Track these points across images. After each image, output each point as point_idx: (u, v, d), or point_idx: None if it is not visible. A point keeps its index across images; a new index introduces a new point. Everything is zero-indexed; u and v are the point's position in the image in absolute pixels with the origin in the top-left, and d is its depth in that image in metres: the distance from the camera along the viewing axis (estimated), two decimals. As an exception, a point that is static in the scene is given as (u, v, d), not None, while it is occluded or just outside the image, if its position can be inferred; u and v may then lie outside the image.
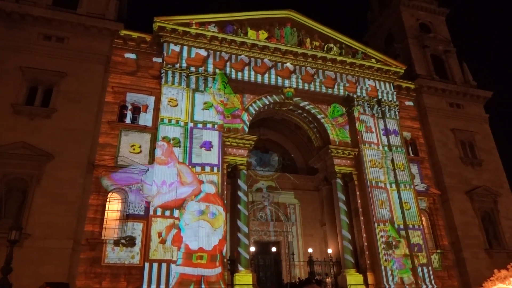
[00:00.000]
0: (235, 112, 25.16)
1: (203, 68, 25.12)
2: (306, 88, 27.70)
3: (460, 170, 30.07)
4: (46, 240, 18.44)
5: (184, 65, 24.75)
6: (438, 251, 26.79)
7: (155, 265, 19.28)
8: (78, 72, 22.71)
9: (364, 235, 24.85)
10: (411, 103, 32.16)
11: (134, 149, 22.31)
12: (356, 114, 27.84)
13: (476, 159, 31.10)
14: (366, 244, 24.62)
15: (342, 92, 28.55)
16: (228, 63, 26.01)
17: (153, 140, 22.57)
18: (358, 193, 26.11)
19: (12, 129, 20.21)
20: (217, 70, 25.38)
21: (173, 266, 19.43)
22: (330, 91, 28.29)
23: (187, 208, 20.92)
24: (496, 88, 36.18)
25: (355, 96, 28.51)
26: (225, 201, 22.35)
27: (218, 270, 19.99)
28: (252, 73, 26.51)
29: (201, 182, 21.79)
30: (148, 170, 21.71)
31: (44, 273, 17.54)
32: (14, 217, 18.31)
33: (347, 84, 28.91)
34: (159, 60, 24.94)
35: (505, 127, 60.20)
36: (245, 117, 25.41)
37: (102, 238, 20.01)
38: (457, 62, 36.07)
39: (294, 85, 27.30)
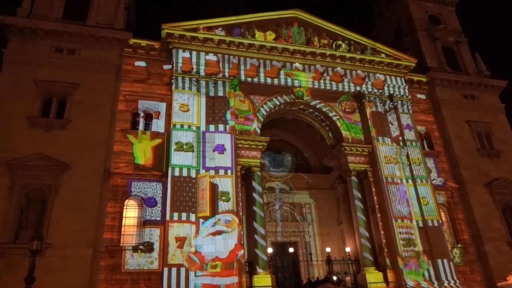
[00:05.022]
0: (248, 115, 25.18)
1: (212, 72, 25.22)
2: (316, 86, 27.57)
3: (478, 162, 29.48)
4: (67, 248, 18.78)
5: (194, 70, 24.91)
6: (459, 245, 26.30)
7: (174, 270, 19.40)
8: (90, 83, 23.09)
9: (382, 232, 24.55)
10: (423, 97, 31.71)
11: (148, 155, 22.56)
12: (368, 110, 27.59)
13: (494, 150, 30.46)
14: (384, 241, 24.30)
15: (352, 89, 28.32)
16: (239, 67, 25.99)
17: (166, 146, 22.76)
18: (374, 190, 25.84)
19: (29, 141, 20.66)
20: (226, 72, 25.41)
21: (192, 276, 19.43)
22: (340, 88, 28.10)
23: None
24: (511, 76, 35.41)
25: (366, 92, 28.25)
26: (240, 204, 22.40)
27: (235, 279, 19.90)
28: (262, 74, 26.51)
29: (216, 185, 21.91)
30: (162, 175, 21.93)
31: (66, 281, 17.95)
32: (34, 227, 18.69)
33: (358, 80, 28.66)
34: (169, 66, 25.15)
35: (522, 116, 58.63)
36: (256, 118, 25.40)
37: (121, 244, 20.27)
38: (469, 53, 35.43)
39: (303, 84, 27.20)
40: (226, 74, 25.45)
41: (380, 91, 28.72)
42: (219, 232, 20.78)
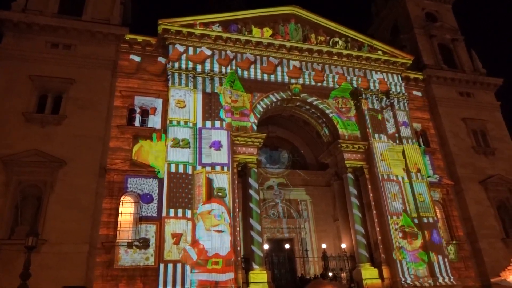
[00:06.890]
0: (244, 111, 25.18)
1: (209, 68, 25.21)
2: (313, 83, 27.57)
3: (473, 159, 29.63)
4: (63, 245, 18.74)
5: (190, 66, 24.85)
6: (454, 242, 26.48)
7: (170, 266, 19.43)
8: (86, 78, 22.96)
9: (378, 228, 24.66)
10: (420, 94, 31.79)
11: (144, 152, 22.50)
12: (364, 107, 27.63)
13: (489, 148, 30.61)
14: (380, 237, 24.43)
15: (349, 86, 28.29)
16: (233, 62, 26.01)
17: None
18: (369, 186, 25.90)
19: (24, 137, 20.54)
20: (223, 69, 25.36)
21: (188, 272, 19.45)
22: (337, 85, 28.11)
23: (198, 210, 21.05)
24: (506, 74, 35.58)
25: (362, 89, 28.29)
26: (237, 200, 22.43)
27: (231, 275, 19.89)
28: (259, 71, 26.49)
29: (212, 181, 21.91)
30: (159, 171, 21.90)
31: (62, 277, 17.87)
32: (30, 224, 18.64)
33: (354, 78, 28.70)
34: (165, 62, 25.04)
35: (518, 114, 58.90)
36: (253, 115, 25.39)
37: (117, 241, 20.24)
38: (466, 50, 35.52)
39: (300, 81, 27.21)
40: (223, 70, 25.40)
41: (377, 88, 28.77)
42: (215, 229, 20.78)
